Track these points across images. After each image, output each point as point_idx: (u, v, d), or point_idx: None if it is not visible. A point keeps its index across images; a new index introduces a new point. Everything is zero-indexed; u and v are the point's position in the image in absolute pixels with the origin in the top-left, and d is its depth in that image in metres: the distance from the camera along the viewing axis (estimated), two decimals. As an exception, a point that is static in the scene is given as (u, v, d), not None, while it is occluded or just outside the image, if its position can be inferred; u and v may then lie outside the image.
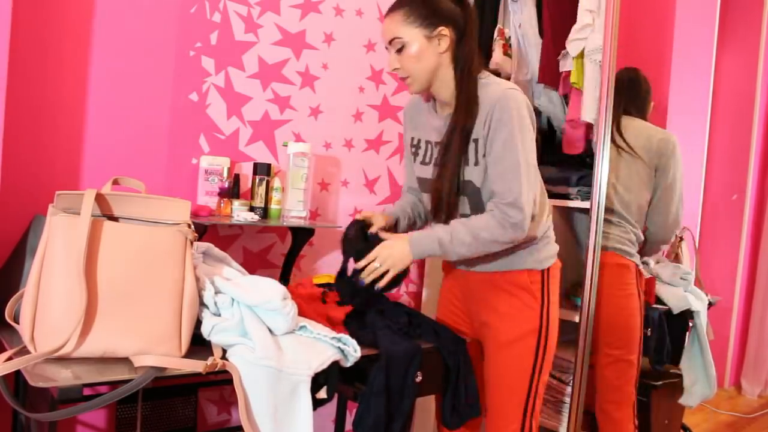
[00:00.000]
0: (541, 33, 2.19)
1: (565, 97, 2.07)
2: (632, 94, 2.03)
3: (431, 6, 1.35)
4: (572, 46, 1.92)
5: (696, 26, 3.02)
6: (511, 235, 1.34)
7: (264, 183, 1.78)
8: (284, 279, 1.90)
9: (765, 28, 3.52)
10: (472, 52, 1.38)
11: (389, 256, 1.37)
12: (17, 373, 1.12)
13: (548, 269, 1.47)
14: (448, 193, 1.41)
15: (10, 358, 1.07)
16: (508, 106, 1.31)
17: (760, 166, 3.70)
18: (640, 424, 2.07)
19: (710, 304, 2.38)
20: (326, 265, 2.10)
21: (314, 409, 1.27)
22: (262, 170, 1.78)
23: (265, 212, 1.78)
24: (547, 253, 1.48)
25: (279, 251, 1.97)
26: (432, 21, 1.34)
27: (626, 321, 1.87)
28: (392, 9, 1.38)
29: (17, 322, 1.16)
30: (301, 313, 1.47)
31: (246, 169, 1.87)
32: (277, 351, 1.17)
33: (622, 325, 1.87)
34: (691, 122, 3.07)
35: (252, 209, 1.75)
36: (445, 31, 1.34)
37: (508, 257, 1.45)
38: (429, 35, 1.34)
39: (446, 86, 1.40)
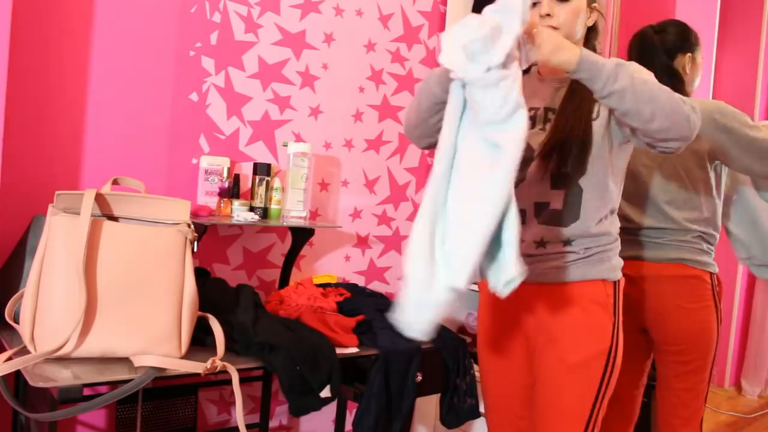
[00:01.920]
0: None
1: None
2: None
3: None
4: None
5: (696, 26, 3.02)
6: (687, 114, 1.06)
7: (264, 183, 1.78)
8: (284, 279, 1.90)
9: (765, 27, 3.51)
10: (596, 36, 1.35)
11: (552, 36, 1.08)
12: (17, 373, 1.12)
13: (619, 281, 1.26)
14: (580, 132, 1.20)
15: (10, 358, 1.07)
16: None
17: (761, 166, 3.69)
18: (641, 425, 2.06)
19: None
20: (326, 265, 2.10)
21: (318, 408, 1.27)
22: (262, 170, 1.78)
23: (265, 212, 1.78)
24: (618, 262, 1.27)
25: (279, 251, 1.97)
26: None
27: (701, 334, 1.70)
28: None
29: (17, 322, 1.16)
30: (303, 315, 1.48)
31: (246, 169, 1.87)
32: None
33: (696, 338, 1.71)
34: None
35: (252, 209, 1.75)
36: (596, 7, 1.31)
37: (580, 265, 1.23)
38: (590, 4, 1.29)
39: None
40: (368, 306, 1.62)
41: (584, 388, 1.22)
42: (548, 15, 1.23)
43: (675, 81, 1.62)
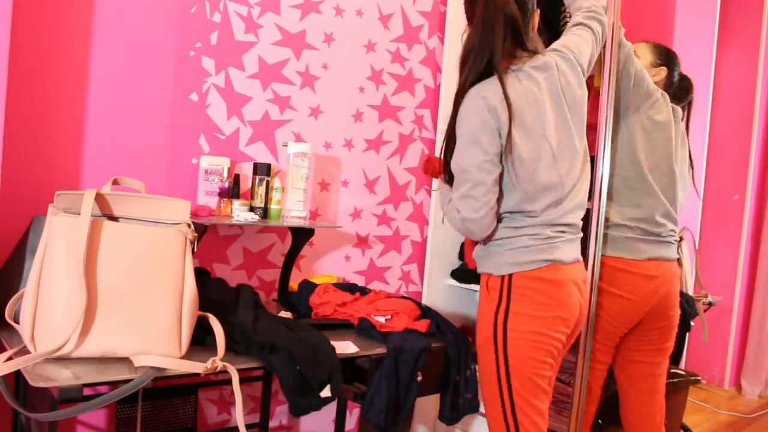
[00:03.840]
0: (539, 31, 2.19)
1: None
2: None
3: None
4: None
5: (696, 26, 3.03)
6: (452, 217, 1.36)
7: (264, 183, 1.78)
8: (284, 279, 1.90)
9: (765, 27, 3.52)
10: (482, 47, 1.32)
11: None
12: (17, 373, 1.12)
13: (510, 276, 1.33)
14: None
15: (10, 358, 1.07)
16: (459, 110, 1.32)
17: (760, 166, 3.70)
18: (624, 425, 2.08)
19: (710, 304, 2.39)
20: (326, 265, 2.10)
21: (318, 407, 1.27)
22: (262, 170, 1.78)
23: (265, 212, 1.78)
24: (511, 259, 1.33)
25: (279, 251, 1.97)
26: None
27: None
28: None
29: (17, 322, 1.16)
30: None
31: (246, 169, 1.87)
32: None
33: (676, 325, 1.85)
34: (691, 122, 3.07)
35: (252, 209, 1.75)
36: (467, 27, 1.37)
37: (481, 258, 1.41)
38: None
39: None
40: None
41: (483, 370, 1.38)
42: None
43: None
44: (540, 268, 1.33)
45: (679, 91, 1.93)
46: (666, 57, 1.94)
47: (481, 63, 1.31)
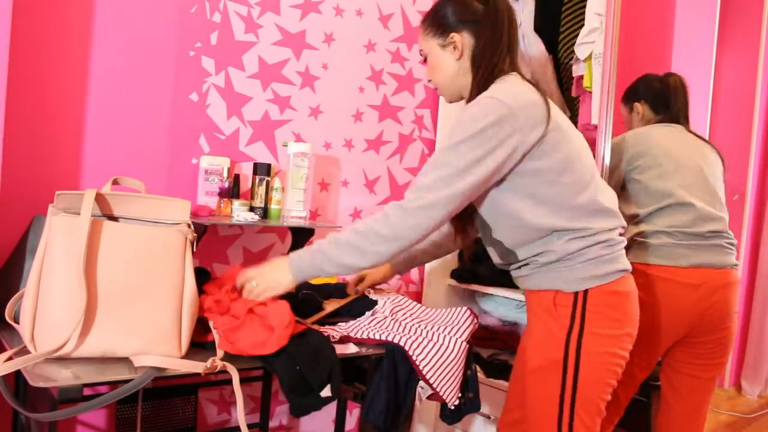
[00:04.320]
0: (538, 32, 2.20)
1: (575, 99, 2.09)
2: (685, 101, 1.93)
3: (443, 13, 1.33)
4: (580, 50, 1.92)
5: (696, 25, 3.03)
6: (390, 220, 1.18)
7: (264, 183, 1.78)
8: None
9: (765, 27, 3.51)
10: (490, 54, 1.27)
11: (261, 276, 1.29)
12: (17, 373, 1.12)
13: (586, 291, 1.23)
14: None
15: (10, 358, 1.07)
16: (468, 111, 1.20)
17: (760, 166, 3.70)
18: (640, 424, 2.06)
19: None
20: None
21: (319, 407, 1.27)
22: (262, 170, 1.78)
23: (265, 212, 1.78)
24: (584, 274, 1.23)
25: (279, 251, 1.97)
26: (444, 29, 1.32)
27: (733, 337, 1.75)
28: (420, 22, 1.42)
29: (17, 322, 1.16)
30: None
31: (246, 169, 1.87)
32: None
33: (731, 340, 1.74)
34: (691, 122, 3.07)
35: (252, 209, 1.75)
36: (456, 37, 1.30)
37: (536, 275, 1.28)
38: (443, 44, 1.32)
39: (468, 92, 1.32)
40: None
41: (541, 394, 1.28)
42: (429, 81, 1.39)
43: None
44: (615, 281, 1.24)
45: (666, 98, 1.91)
46: (632, 94, 1.97)
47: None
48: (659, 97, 1.90)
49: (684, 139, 1.83)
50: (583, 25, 1.98)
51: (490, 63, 1.27)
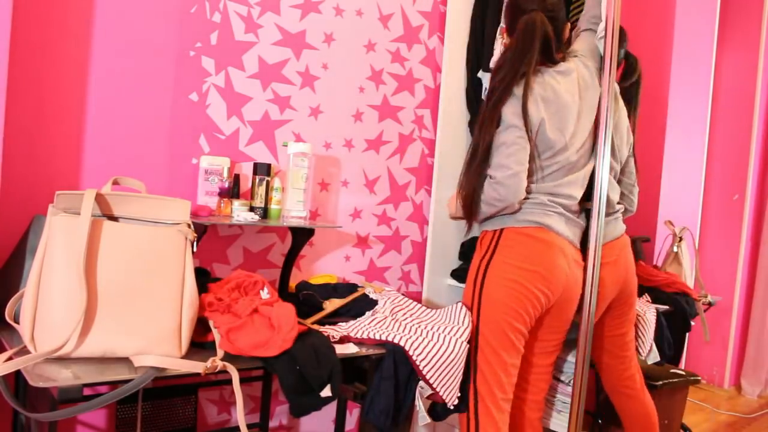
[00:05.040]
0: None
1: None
2: None
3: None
4: None
5: (696, 26, 3.03)
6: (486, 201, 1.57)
7: (264, 183, 1.78)
8: (284, 279, 1.90)
9: (765, 27, 3.52)
10: (513, 66, 1.58)
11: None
12: (17, 373, 1.12)
13: (502, 230, 1.58)
14: None
15: (10, 358, 1.07)
16: None
17: (760, 166, 3.70)
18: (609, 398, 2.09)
19: (710, 304, 2.38)
20: (326, 265, 2.10)
21: (319, 407, 1.27)
22: (262, 170, 1.78)
23: (265, 212, 1.78)
24: (504, 221, 1.59)
25: (279, 251, 1.97)
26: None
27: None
28: None
29: (17, 322, 1.16)
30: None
31: (246, 169, 1.87)
32: None
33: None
34: (691, 122, 3.07)
35: (252, 209, 1.75)
36: (504, 33, 1.69)
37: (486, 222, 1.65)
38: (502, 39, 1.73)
39: None
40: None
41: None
42: None
43: None
44: (530, 227, 1.56)
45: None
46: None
47: (514, 75, 1.56)
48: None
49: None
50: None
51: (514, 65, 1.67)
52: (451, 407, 1.49)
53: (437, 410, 1.52)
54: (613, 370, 1.91)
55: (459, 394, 1.50)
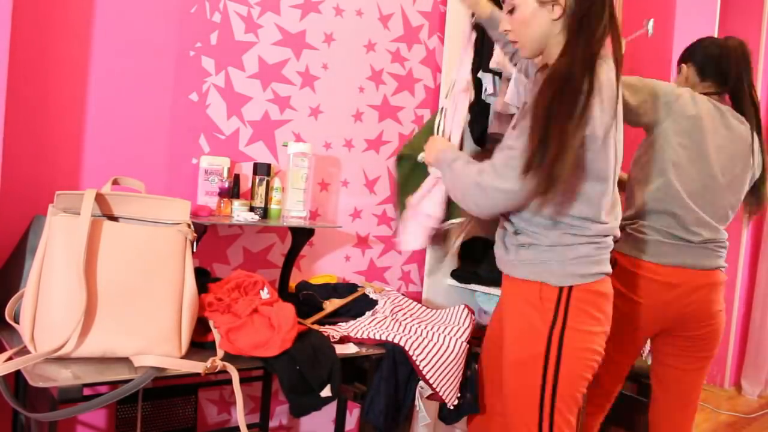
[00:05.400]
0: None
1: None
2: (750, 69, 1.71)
3: None
4: None
5: (696, 25, 3.03)
6: (472, 196, 1.26)
7: (264, 183, 1.78)
8: (284, 279, 1.90)
9: (765, 27, 3.52)
10: (596, 24, 1.21)
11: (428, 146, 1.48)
12: (17, 373, 1.12)
13: (570, 288, 1.25)
14: None
15: (10, 358, 1.07)
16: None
17: (761, 166, 3.70)
18: (640, 425, 2.06)
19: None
20: (326, 265, 2.10)
21: (319, 407, 1.27)
22: (262, 170, 1.78)
23: (265, 212, 1.78)
24: (572, 271, 1.25)
25: (279, 251, 1.97)
26: None
27: (720, 334, 1.72)
28: None
29: (17, 322, 1.16)
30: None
31: (246, 169, 1.87)
32: None
33: (718, 336, 1.72)
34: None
35: (252, 209, 1.75)
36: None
37: (524, 265, 1.30)
38: (542, 0, 1.25)
39: (555, 55, 1.26)
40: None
41: (521, 386, 1.29)
42: (506, 31, 1.33)
43: None
44: (597, 281, 1.28)
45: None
46: (683, 54, 1.81)
47: None
48: (709, 61, 1.71)
49: (726, 125, 1.66)
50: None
51: (592, 34, 1.21)
52: (451, 407, 1.49)
53: (445, 413, 1.52)
54: (667, 415, 1.78)
55: (459, 395, 1.51)
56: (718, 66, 1.70)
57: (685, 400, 1.76)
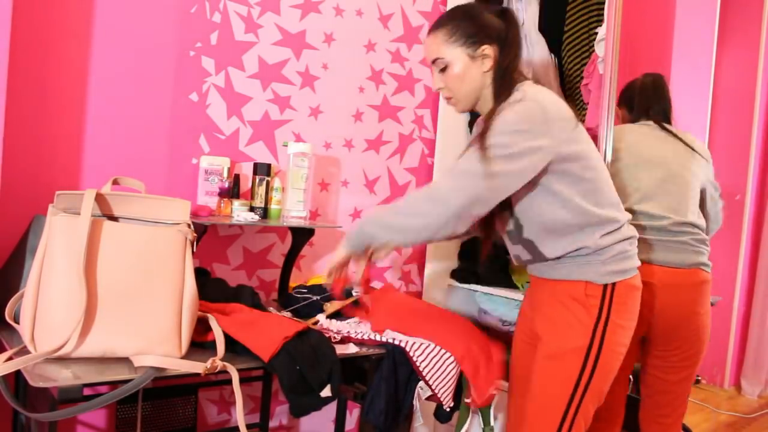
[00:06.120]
0: (542, 32, 2.19)
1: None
2: (662, 98, 1.92)
3: (474, 24, 1.30)
4: (600, 47, 1.92)
5: (696, 25, 3.03)
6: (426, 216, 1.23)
7: (264, 183, 1.78)
8: (284, 279, 1.90)
9: (765, 27, 3.52)
10: (512, 66, 1.31)
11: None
12: (17, 373, 1.12)
13: (614, 284, 1.30)
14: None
15: (10, 358, 1.07)
16: (513, 110, 1.24)
17: (760, 166, 3.70)
18: (639, 425, 2.06)
19: (710, 304, 2.38)
20: (326, 265, 2.10)
21: (319, 407, 1.27)
22: (262, 170, 1.78)
23: (265, 212, 1.78)
24: (613, 268, 1.30)
25: (279, 251, 1.97)
26: (475, 39, 1.30)
27: (703, 338, 1.74)
28: (434, 27, 1.34)
29: (17, 322, 1.16)
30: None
31: (246, 169, 1.87)
32: None
33: (700, 342, 1.73)
34: (691, 122, 3.07)
35: (252, 209, 1.75)
36: (488, 50, 1.29)
37: (566, 266, 1.32)
38: (473, 54, 1.29)
39: (488, 103, 1.34)
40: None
41: (555, 377, 1.31)
42: (440, 89, 1.35)
43: None
44: (633, 276, 1.33)
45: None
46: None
47: None
48: (629, 98, 1.93)
49: (654, 135, 1.83)
50: (588, 24, 1.98)
51: (511, 75, 1.31)
52: (447, 409, 1.49)
53: (440, 412, 1.52)
54: (654, 420, 1.81)
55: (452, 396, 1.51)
56: (632, 100, 1.92)
57: (674, 404, 1.77)
